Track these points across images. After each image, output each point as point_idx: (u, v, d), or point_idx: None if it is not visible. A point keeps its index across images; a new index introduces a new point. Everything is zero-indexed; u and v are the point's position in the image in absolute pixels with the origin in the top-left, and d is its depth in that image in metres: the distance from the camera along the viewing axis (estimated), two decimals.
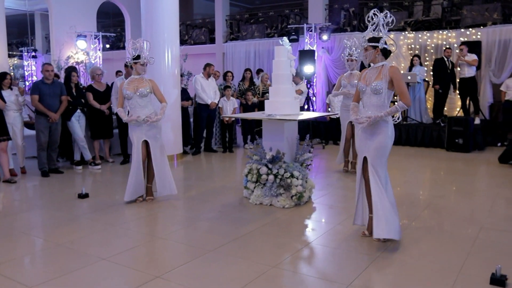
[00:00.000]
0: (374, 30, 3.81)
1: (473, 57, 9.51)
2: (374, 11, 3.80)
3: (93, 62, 12.09)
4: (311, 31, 12.31)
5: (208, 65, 8.77)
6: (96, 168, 7.37)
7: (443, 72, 9.76)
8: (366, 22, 3.82)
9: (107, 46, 13.65)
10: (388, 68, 3.78)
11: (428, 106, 10.68)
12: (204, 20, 16.06)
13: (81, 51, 11.79)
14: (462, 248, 3.78)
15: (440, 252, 3.70)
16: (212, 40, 14.93)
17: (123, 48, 15.60)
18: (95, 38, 12.50)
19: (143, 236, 4.20)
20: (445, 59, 9.75)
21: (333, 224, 4.49)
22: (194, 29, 15.40)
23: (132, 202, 5.22)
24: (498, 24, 10.66)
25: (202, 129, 8.81)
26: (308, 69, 9.41)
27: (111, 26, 17.73)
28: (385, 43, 3.79)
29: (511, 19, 10.49)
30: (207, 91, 8.62)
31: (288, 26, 12.57)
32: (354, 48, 6.48)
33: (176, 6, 8.01)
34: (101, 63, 12.63)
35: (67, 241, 3.97)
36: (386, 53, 3.83)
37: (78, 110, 7.28)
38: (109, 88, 7.70)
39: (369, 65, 3.94)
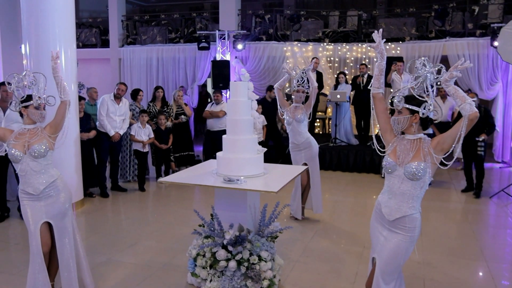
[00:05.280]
0: (416, 86, 2.64)
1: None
2: (423, 60, 2.60)
3: None
4: (223, 38, 11.02)
5: (117, 84, 7.09)
6: None
7: (358, 90, 9.31)
8: (411, 71, 2.65)
9: None
10: (429, 143, 2.66)
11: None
12: (95, 19, 13.80)
13: None
14: None
15: None
16: (105, 43, 12.81)
17: None
18: None
19: None
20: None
21: None
22: (83, 28, 13.11)
23: None
24: (415, 40, 10.47)
25: (105, 164, 7.03)
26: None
27: None
28: (428, 109, 2.62)
29: (429, 36, 10.33)
30: (114, 118, 6.88)
31: (198, 33, 11.10)
32: (305, 78, 5.30)
33: None
34: None
35: None
36: (426, 122, 2.70)
37: None
38: None
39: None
